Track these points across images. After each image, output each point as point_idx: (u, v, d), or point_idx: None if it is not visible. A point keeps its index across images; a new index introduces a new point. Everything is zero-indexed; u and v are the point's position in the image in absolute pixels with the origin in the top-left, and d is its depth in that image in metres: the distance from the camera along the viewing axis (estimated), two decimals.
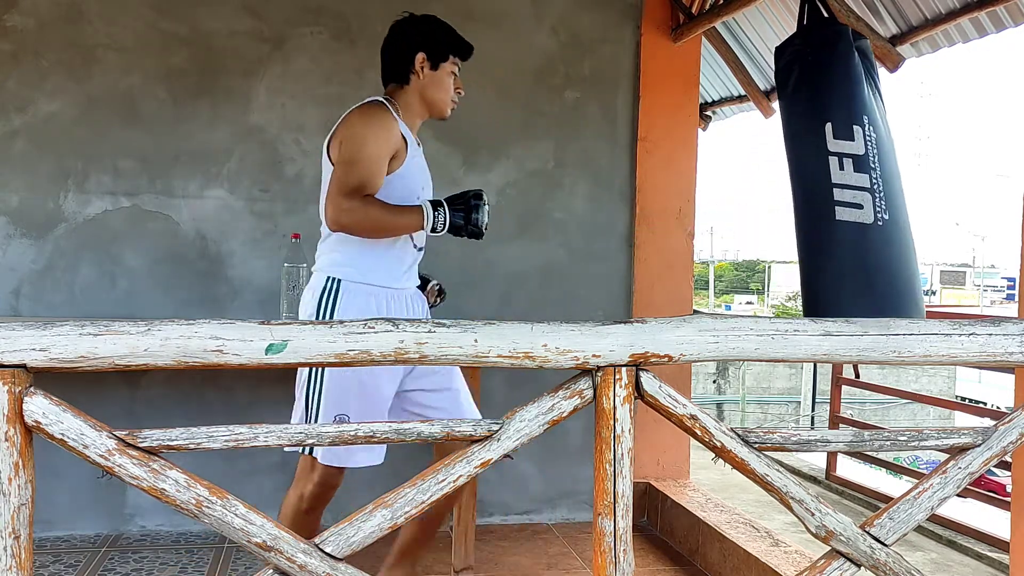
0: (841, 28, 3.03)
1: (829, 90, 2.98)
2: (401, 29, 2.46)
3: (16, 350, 1.26)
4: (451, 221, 2.31)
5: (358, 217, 2.26)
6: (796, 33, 3.12)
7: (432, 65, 2.43)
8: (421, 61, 2.41)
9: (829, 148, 2.94)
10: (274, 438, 1.36)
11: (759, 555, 3.09)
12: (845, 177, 2.93)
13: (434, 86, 2.44)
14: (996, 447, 1.57)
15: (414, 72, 2.42)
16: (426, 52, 2.42)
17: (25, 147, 3.53)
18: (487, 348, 1.39)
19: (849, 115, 2.95)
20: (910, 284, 2.99)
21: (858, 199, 2.92)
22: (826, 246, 2.99)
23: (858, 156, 2.94)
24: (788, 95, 3.09)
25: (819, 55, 2.99)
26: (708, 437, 1.48)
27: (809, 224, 3.07)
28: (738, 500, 4.34)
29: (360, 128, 2.31)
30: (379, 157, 2.29)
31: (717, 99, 5.08)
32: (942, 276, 45.14)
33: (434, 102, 2.45)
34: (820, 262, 3.02)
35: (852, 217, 2.92)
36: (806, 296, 3.14)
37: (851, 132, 2.94)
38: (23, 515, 1.27)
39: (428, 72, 2.42)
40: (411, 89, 2.43)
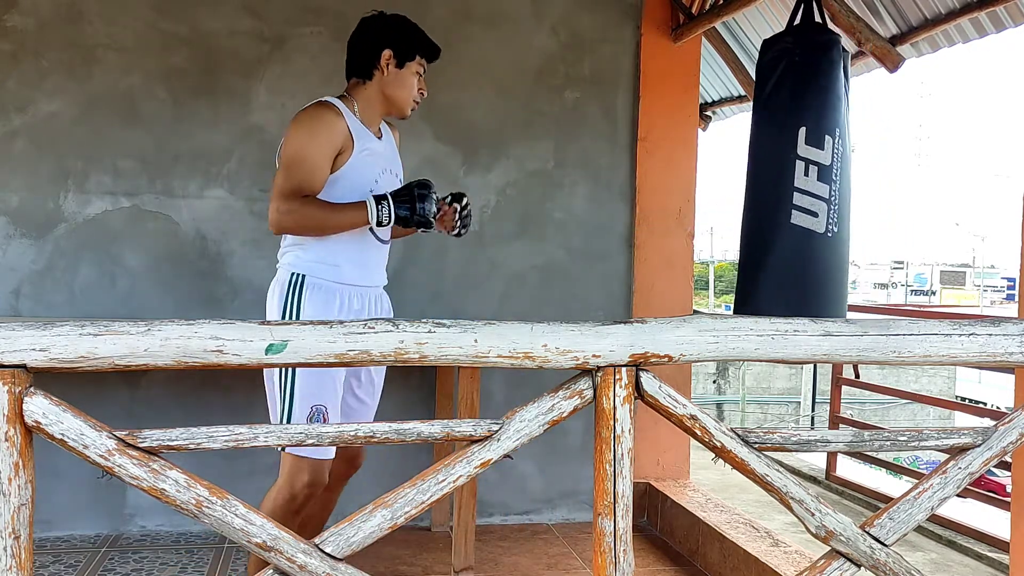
0: (835, 37, 3.05)
1: (810, 95, 3.00)
2: (370, 25, 2.46)
3: (16, 350, 1.26)
4: (395, 213, 2.32)
5: (296, 218, 2.31)
6: (787, 30, 3.12)
7: (398, 63, 2.43)
8: (387, 58, 2.42)
9: (799, 152, 2.98)
10: (274, 438, 1.36)
11: (759, 555, 3.08)
12: (808, 184, 2.97)
13: (397, 84, 2.44)
14: (996, 447, 1.57)
15: (378, 68, 2.43)
16: (393, 50, 2.42)
17: (25, 147, 3.53)
18: (487, 348, 1.39)
19: (824, 124, 2.99)
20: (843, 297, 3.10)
21: (815, 207, 2.98)
22: (775, 247, 3.03)
23: (824, 166, 2.98)
24: (768, 90, 3.10)
25: (809, 58, 3.01)
26: (708, 437, 1.48)
27: (762, 222, 3.11)
28: (738, 500, 4.34)
29: (299, 130, 2.34)
30: (318, 157, 2.32)
31: (717, 99, 5.08)
32: (942, 276, 45.13)
33: (395, 100, 2.46)
34: (765, 262, 3.06)
35: (806, 223, 2.98)
36: (741, 293, 3.18)
37: (822, 141, 2.98)
38: (23, 515, 1.27)
39: (393, 70, 2.43)
40: (373, 85, 2.44)
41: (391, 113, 2.50)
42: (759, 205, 3.13)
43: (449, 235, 2.56)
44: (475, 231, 3.83)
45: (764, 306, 3.04)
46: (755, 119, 3.22)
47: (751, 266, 3.14)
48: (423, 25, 3.76)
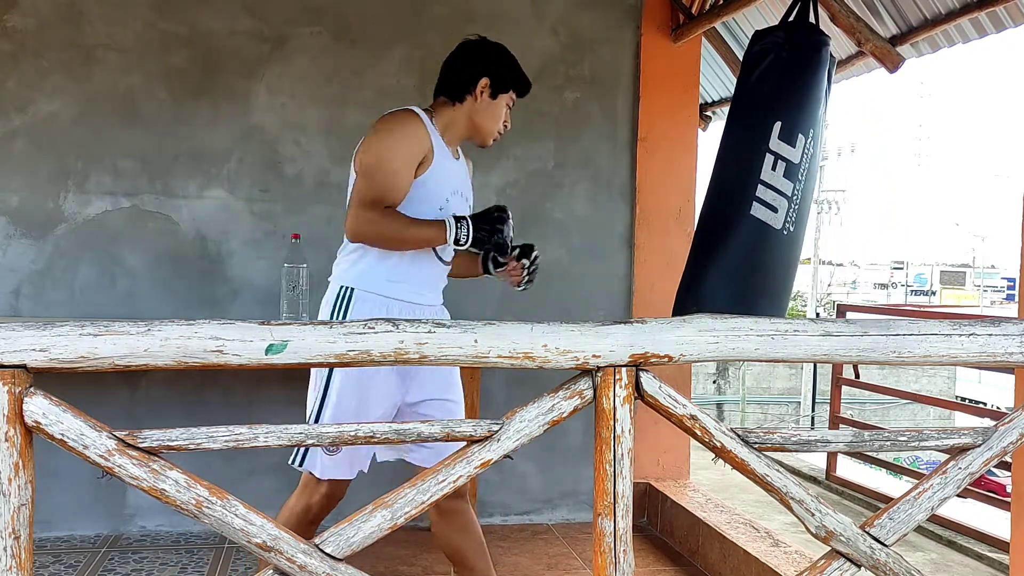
0: (824, 38, 3.05)
1: (793, 91, 3.01)
2: (471, 49, 2.43)
3: (16, 350, 1.26)
4: (474, 236, 2.27)
5: (376, 228, 2.23)
6: (780, 25, 3.13)
7: (492, 93, 2.40)
8: (483, 86, 2.38)
9: (770, 145, 2.98)
10: (274, 438, 1.36)
11: (759, 555, 3.09)
12: (773, 178, 2.98)
13: (487, 113, 2.41)
14: (996, 447, 1.57)
15: (472, 94, 2.39)
16: (491, 79, 2.39)
17: (25, 147, 3.53)
18: (487, 348, 1.39)
19: (800, 122, 3.00)
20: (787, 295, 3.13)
21: (776, 202, 2.98)
22: (730, 235, 3.03)
23: (792, 163, 2.98)
24: (751, 81, 3.11)
25: (797, 55, 3.01)
26: (708, 437, 1.47)
27: (720, 209, 3.11)
28: (738, 500, 4.34)
29: (384, 137, 2.28)
30: (402, 166, 2.26)
31: (717, 99, 5.08)
32: (942, 276, 45.13)
33: (482, 128, 2.43)
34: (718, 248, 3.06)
35: (764, 217, 2.98)
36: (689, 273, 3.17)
37: (795, 138, 2.98)
38: (23, 515, 1.27)
39: (486, 98, 2.40)
40: (462, 109, 2.40)
41: (473, 139, 2.47)
42: (722, 192, 3.13)
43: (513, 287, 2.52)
44: None
45: (707, 292, 3.03)
46: (733, 107, 3.24)
47: (703, 251, 3.13)
48: (422, 25, 3.79)
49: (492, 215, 2.31)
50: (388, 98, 3.75)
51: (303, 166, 3.72)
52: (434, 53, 3.77)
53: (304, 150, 3.72)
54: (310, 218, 3.72)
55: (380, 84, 3.77)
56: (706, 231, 3.16)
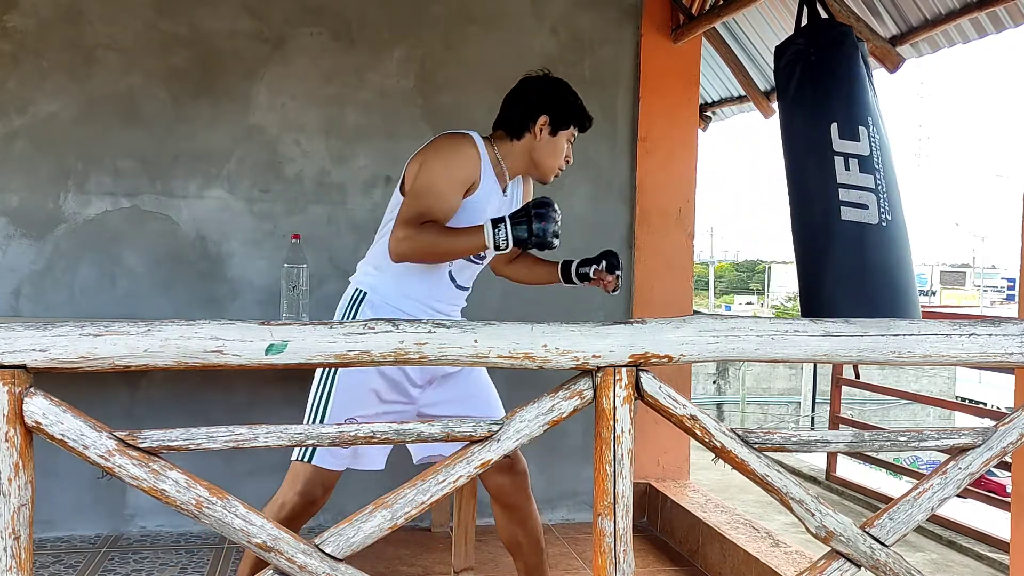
0: (846, 29, 3.02)
1: (834, 90, 2.96)
2: (532, 86, 2.43)
3: (16, 350, 1.26)
4: (514, 236, 2.24)
5: (412, 244, 2.20)
6: (797, 33, 3.10)
7: (552, 131, 2.40)
8: (543, 124, 2.38)
9: (835, 148, 2.92)
10: (274, 438, 1.36)
11: (759, 555, 3.09)
12: (851, 177, 2.91)
13: (548, 151, 2.41)
14: (996, 448, 1.57)
15: (531, 132, 2.39)
16: (550, 116, 2.39)
17: (25, 147, 3.53)
18: (487, 348, 1.39)
19: (854, 115, 2.94)
20: (910, 285, 2.99)
21: (863, 199, 2.91)
22: (830, 246, 2.96)
23: (863, 157, 2.92)
24: (790, 94, 3.06)
25: (824, 55, 2.98)
26: (708, 438, 1.47)
27: (812, 223, 3.03)
28: (738, 500, 4.35)
29: (437, 160, 2.28)
30: (449, 191, 2.26)
31: (717, 99, 5.08)
32: (942, 276, 45.14)
33: (542, 165, 2.43)
34: (824, 261, 2.99)
35: (857, 217, 2.91)
36: (806, 295, 3.11)
37: (856, 132, 2.93)
38: (23, 516, 1.27)
39: (546, 136, 2.39)
40: (521, 146, 2.41)
41: (532, 175, 2.48)
42: (806, 208, 3.05)
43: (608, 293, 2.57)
44: None
45: (829, 306, 2.96)
46: (785, 128, 3.15)
47: (810, 269, 3.06)
48: (422, 25, 3.79)
49: (529, 211, 2.28)
50: (388, 98, 3.76)
51: (303, 166, 3.72)
52: (434, 53, 3.81)
53: (304, 150, 3.72)
54: (310, 218, 3.73)
55: (380, 84, 3.77)
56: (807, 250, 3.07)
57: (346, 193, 3.76)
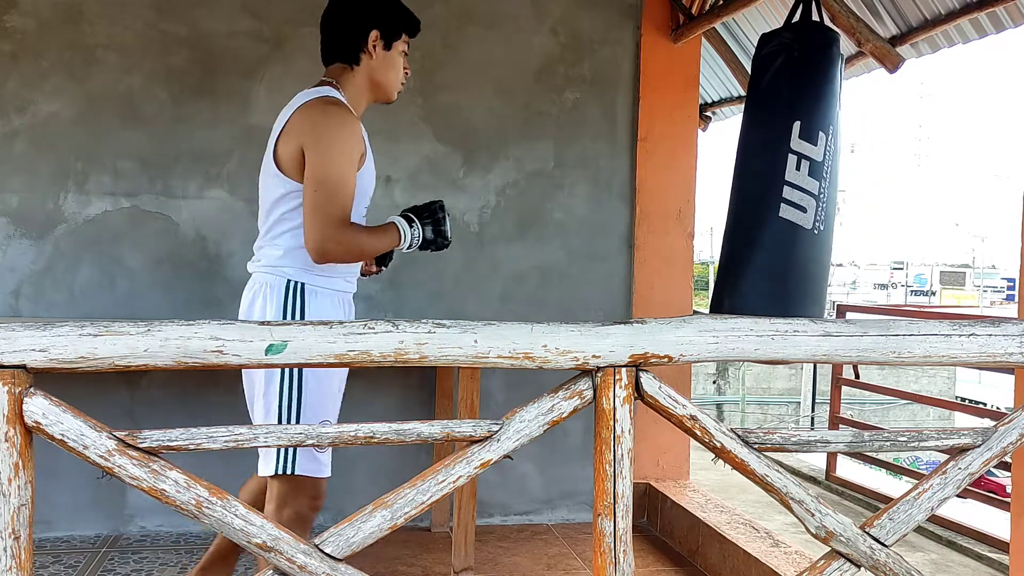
0: (834, 35, 3.05)
1: (808, 90, 3.00)
2: (350, 2, 2.26)
3: (16, 351, 1.26)
4: (424, 236, 2.21)
5: (345, 249, 2.11)
6: (786, 26, 3.13)
7: (385, 44, 2.24)
8: (375, 39, 2.22)
9: (791, 145, 2.98)
10: (274, 438, 1.36)
11: (759, 556, 3.08)
12: (799, 178, 2.97)
13: (385, 67, 2.25)
14: (996, 448, 1.57)
15: (366, 52, 2.24)
16: (380, 30, 2.22)
17: (25, 147, 3.53)
18: (487, 348, 1.39)
19: (819, 120, 2.99)
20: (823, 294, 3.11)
21: (804, 202, 2.98)
22: (761, 239, 3.03)
23: (816, 161, 2.98)
24: (763, 84, 3.10)
25: (808, 54, 3.01)
26: (708, 438, 1.47)
27: (749, 214, 3.10)
28: (738, 501, 4.34)
29: (332, 137, 2.11)
30: (352, 172, 2.13)
31: (717, 99, 5.08)
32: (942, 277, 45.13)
33: (384, 84, 2.28)
34: (751, 252, 3.06)
35: (794, 218, 2.98)
36: (722, 282, 3.17)
37: (815, 136, 2.98)
38: (23, 516, 1.27)
39: (380, 52, 2.24)
40: (360, 71, 2.26)
41: (378, 99, 2.32)
42: (747, 197, 3.13)
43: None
44: (475, 232, 3.84)
45: (747, 298, 3.03)
46: (748, 111, 3.23)
47: (735, 256, 3.13)
48: (422, 25, 3.78)
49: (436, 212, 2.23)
50: None
51: None
52: (434, 53, 3.81)
53: None
54: None
55: None
56: (735, 238, 3.14)
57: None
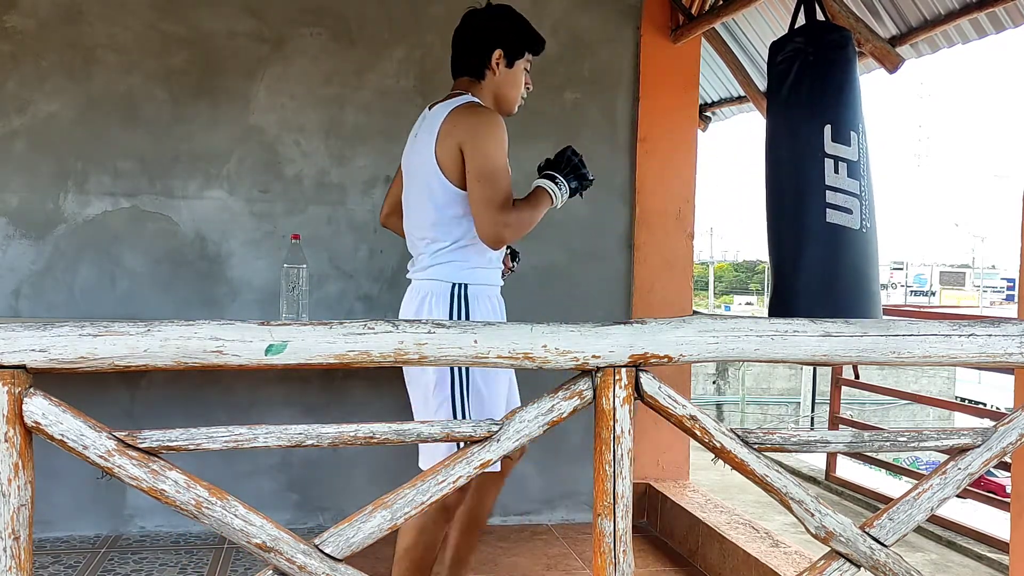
0: (847, 33, 3.03)
1: (832, 92, 2.98)
2: (477, 22, 2.39)
3: (16, 351, 1.26)
4: (570, 187, 2.37)
5: (513, 229, 2.27)
6: (796, 31, 3.11)
7: (508, 63, 2.38)
8: (498, 58, 2.36)
9: (826, 150, 2.96)
10: (274, 439, 1.36)
11: (759, 556, 3.08)
12: (839, 181, 2.96)
13: (508, 84, 2.40)
14: (996, 448, 1.57)
15: (490, 68, 2.37)
16: (503, 49, 2.36)
17: (25, 148, 3.53)
18: (486, 349, 1.39)
19: (848, 120, 2.97)
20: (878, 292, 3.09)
21: (849, 204, 2.96)
22: (810, 246, 3.01)
23: (852, 162, 2.97)
24: (784, 91, 3.08)
25: (824, 56, 2.99)
26: (708, 438, 1.48)
27: (794, 222, 3.08)
28: (738, 501, 4.34)
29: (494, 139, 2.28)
30: (506, 162, 2.32)
31: (717, 100, 5.08)
32: (942, 277, 45.15)
33: (505, 99, 2.42)
34: (801, 261, 3.04)
35: (841, 221, 2.97)
36: (777, 292, 3.16)
37: (848, 137, 2.97)
38: (23, 516, 1.27)
39: (503, 69, 2.38)
40: (486, 85, 2.39)
41: (499, 112, 2.45)
42: (788, 206, 3.08)
43: None
44: None
45: (804, 305, 3.01)
46: (773, 122, 3.17)
47: (786, 267, 3.09)
48: (422, 25, 3.79)
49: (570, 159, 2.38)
50: (387, 99, 3.76)
51: (303, 167, 3.72)
52: (434, 53, 3.80)
53: (304, 151, 3.72)
54: (310, 218, 3.72)
55: (379, 85, 3.77)
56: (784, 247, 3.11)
57: (346, 193, 3.76)
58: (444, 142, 2.28)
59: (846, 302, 2.98)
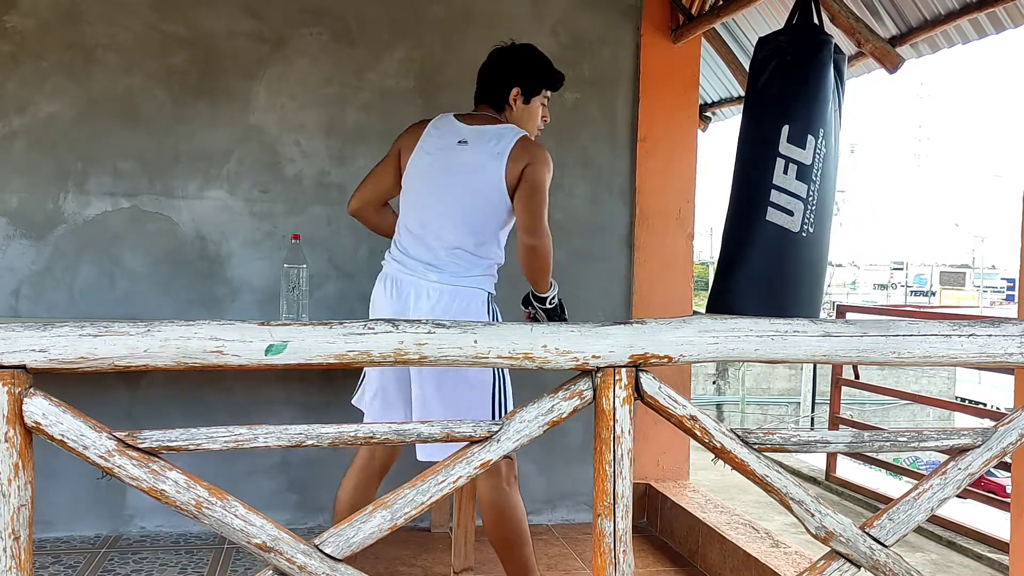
0: (826, 38, 3.05)
1: (798, 94, 3.02)
2: (499, 61, 2.60)
3: (16, 351, 1.26)
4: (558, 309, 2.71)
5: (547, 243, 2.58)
6: (783, 29, 3.14)
7: (525, 100, 2.59)
8: (515, 95, 2.57)
9: (779, 149, 3.01)
10: (274, 439, 1.36)
11: (759, 556, 3.08)
12: (786, 182, 3.00)
13: (525, 118, 2.60)
14: (996, 448, 1.57)
15: (508, 105, 2.58)
16: (520, 87, 2.57)
17: (25, 148, 3.53)
18: (487, 349, 1.39)
19: (807, 124, 3.01)
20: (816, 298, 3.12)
21: (791, 206, 3.00)
22: (750, 243, 3.06)
23: (804, 165, 3.00)
24: (758, 87, 3.13)
25: (799, 57, 3.02)
26: (708, 438, 1.48)
27: (739, 217, 3.14)
28: (738, 501, 4.34)
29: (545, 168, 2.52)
30: None
31: (717, 100, 5.08)
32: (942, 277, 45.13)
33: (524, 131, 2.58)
34: (741, 256, 3.09)
35: (780, 221, 3.01)
36: (716, 286, 3.20)
37: (804, 140, 3.00)
38: (23, 516, 1.27)
39: (520, 105, 2.58)
40: (505, 118, 2.59)
41: None
42: (739, 201, 3.16)
43: None
44: None
45: (738, 301, 3.07)
46: (743, 116, 3.26)
47: (727, 261, 3.17)
48: (422, 25, 3.79)
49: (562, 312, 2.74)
50: (387, 99, 3.76)
51: (303, 167, 3.72)
52: (433, 54, 3.81)
53: (304, 151, 3.72)
54: (310, 219, 3.72)
55: (380, 85, 3.77)
56: (729, 240, 3.18)
57: (346, 193, 3.73)
58: (514, 164, 2.48)
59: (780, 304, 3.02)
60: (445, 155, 2.54)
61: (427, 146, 2.57)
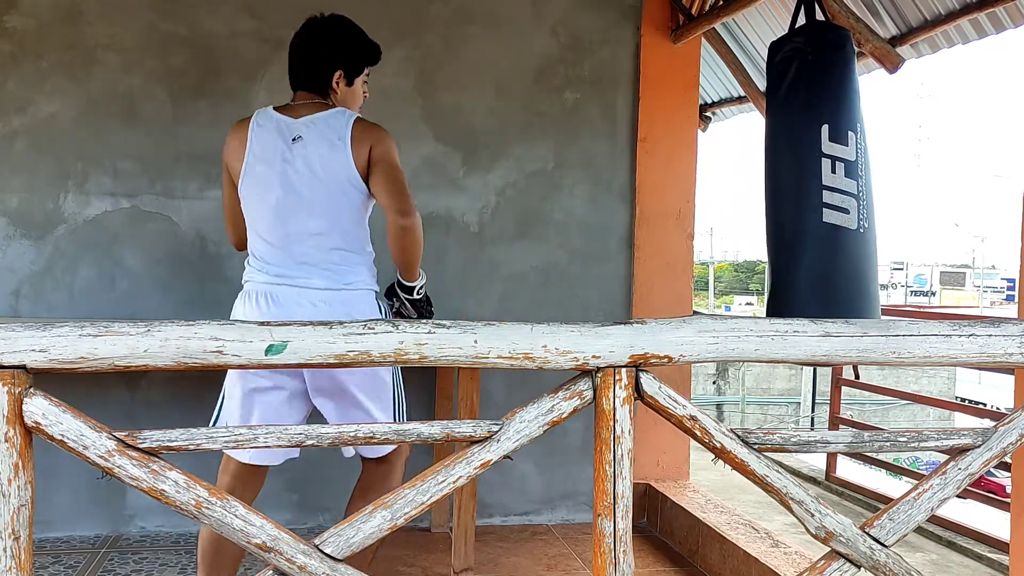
0: (845, 33, 3.04)
1: (830, 92, 2.99)
2: (316, 42, 2.43)
3: (16, 351, 1.26)
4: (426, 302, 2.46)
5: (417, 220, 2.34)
6: (795, 31, 3.12)
7: (348, 82, 2.46)
8: (338, 78, 2.43)
9: (823, 150, 2.97)
10: (274, 439, 1.36)
11: (759, 556, 3.08)
12: (836, 181, 2.97)
13: (349, 99, 2.48)
14: (996, 448, 1.57)
15: (332, 89, 2.44)
16: (343, 70, 2.43)
17: (25, 148, 3.53)
18: (487, 349, 1.39)
19: (845, 120, 2.98)
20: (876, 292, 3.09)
21: (845, 204, 2.97)
22: (807, 245, 3.02)
23: (849, 162, 2.98)
24: (783, 91, 3.09)
25: (822, 56, 3.00)
26: (708, 438, 1.47)
27: (791, 221, 3.09)
28: (738, 501, 4.34)
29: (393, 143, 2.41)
30: None
31: (717, 100, 5.08)
32: (942, 277, 45.15)
33: None
34: (798, 260, 3.05)
35: (838, 220, 2.98)
36: (774, 292, 3.17)
37: (846, 137, 2.97)
38: (23, 516, 1.27)
39: (344, 88, 2.46)
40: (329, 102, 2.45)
41: None
42: (786, 206, 3.10)
43: None
44: (475, 232, 3.84)
45: (800, 306, 3.02)
46: (771, 122, 3.19)
47: (784, 266, 3.11)
48: (422, 25, 3.79)
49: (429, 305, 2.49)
50: (387, 98, 3.75)
51: None
52: (434, 54, 3.81)
53: None
54: None
55: (379, 84, 3.75)
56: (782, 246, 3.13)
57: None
58: (359, 149, 2.34)
59: (843, 302, 2.99)
60: (283, 156, 2.36)
61: (258, 152, 2.40)
